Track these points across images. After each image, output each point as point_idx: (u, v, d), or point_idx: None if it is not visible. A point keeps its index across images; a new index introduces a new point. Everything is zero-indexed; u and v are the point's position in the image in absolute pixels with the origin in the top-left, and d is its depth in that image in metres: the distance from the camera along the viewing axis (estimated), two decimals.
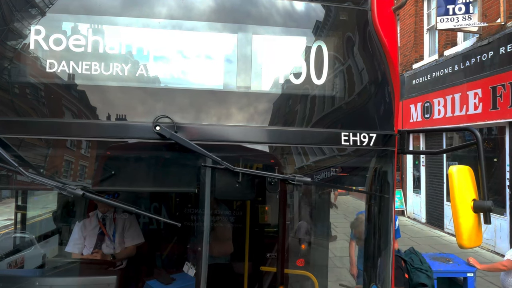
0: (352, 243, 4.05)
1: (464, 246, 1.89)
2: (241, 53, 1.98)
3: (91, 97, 1.91)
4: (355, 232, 4.16)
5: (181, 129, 1.84)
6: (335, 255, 4.22)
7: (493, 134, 9.10)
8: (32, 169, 1.82)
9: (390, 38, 2.12)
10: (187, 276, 3.08)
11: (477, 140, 1.93)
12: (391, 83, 2.13)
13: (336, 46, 2.08)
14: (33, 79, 1.88)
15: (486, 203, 1.87)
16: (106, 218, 3.38)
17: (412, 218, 12.66)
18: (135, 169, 2.04)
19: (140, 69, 1.90)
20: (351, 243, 4.06)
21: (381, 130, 2.10)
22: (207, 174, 1.86)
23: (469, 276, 4.97)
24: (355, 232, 4.16)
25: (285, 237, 3.06)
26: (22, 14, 1.89)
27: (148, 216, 3.76)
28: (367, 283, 2.46)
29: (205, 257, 1.88)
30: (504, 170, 8.45)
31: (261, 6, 2.06)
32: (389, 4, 2.20)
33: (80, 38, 1.87)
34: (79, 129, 1.87)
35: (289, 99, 2.06)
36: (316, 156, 2.10)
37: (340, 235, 4.07)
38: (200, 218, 1.93)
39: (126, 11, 1.95)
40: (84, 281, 2.70)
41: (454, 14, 8.82)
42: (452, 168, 1.96)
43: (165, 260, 3.84)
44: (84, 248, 3.31)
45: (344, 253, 5.32)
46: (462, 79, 9.71)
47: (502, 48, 8.35)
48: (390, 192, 2.25)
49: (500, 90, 8.31)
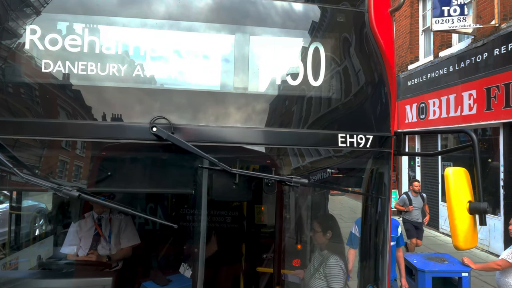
0: (351, 251, 4.02)
1: (460, 248, 1.91)
2: (238, 54, 1.97)
3: (87, 98, 1.90)
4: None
5: (178, 130, 1.84)
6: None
7: (487, 135, 9.17)
8: (27, 170, 1.80)
9: (386, 39, 2.13)
10: (183, 277, 3.07)
11: (473, 142, 1.94)
12: (387, 85, 2.14)
13: (333, 47, 2.09)
14: (28, 79, 1.86)
15: (482, 205, 1.88)
16: (101, 219, 3.36)
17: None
18: (131, 170, 2.03)
19: (137, 69, 1.89)
20: (350, 251, 4.03)
21: (378, 132, 2.10)
22: (203, 175, 1.85)
23: (463, 276, 5.01)
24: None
25: (282, 237, 3.06)
26: (18, 13, 1.88)
27: (144, 217, 3.74)
28: (363, 284, 2.47)
29: (202, 258, 1.87)
30: (498, 170, 8.52)
31: (259, 7, 2.06)
32: (385, 6, 2.21)
33: (75, 38, 1.86)
34: (75, 130, 1.85)
35: (286, 100, 2.06)
36: (313, 157, 2.10)
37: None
38: (196, 219, 1.92)
39: (123, 11, 1.94)
40: (80, 282, 2.68)
41: (449, 15, 8.88)
42: (448, 170, 1.98)
43: (161, 261, 3.83)
44: (79, 249, 3.28)
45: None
46: (457, 80, 9.77)
47: (496, 50, 8.41)
48: (386, 193, 2.26)
49: (494, 91, 8.38)
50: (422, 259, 5.47)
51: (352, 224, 3.90)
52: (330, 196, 3.57)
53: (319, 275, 2.98)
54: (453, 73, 9.97)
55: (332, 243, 3.05)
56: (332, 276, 2.93)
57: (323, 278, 2.95)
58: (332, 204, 3.61)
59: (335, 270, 2.94)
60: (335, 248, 3.07)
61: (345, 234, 4.50)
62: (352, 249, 4.01)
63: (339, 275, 2.93)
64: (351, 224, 3.92)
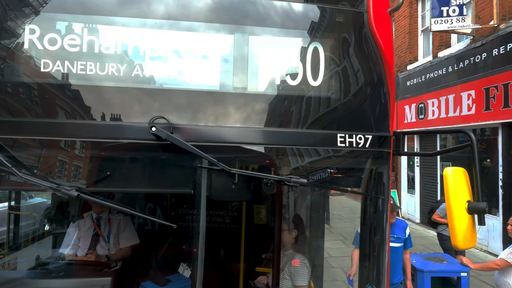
0: (355, 252, 4.01)
1: (459, 247, 1.91)
2: (237, 54, 1.97)
3: (86, 97, 1.89)
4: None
5: (177, 130, 1.83)
6: (330, 255, 4.22)
7: (486, 135, 9.19)
8: (26, 170, 1.80)
9: (385, 40, 2.13)
10: (182, 277, 3.07)
11: (471, 142, 1.95)
12: (386, 85, 2.14)
13: (332, 47, 2.09)
14: (27, 78, 1.86)
15: (481, 205, 1.89)
16: (100, 219, 3.36)
17: (406, 218, 12.73)
18: (130, 170, 2.03)
19: (136, 69, 1.89)
20: (354, 252, 4.02)
21: (377, 132, 2.10)
22: (203, 175, 1.85)
23: (462, 276, 5.02)
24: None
25: (281, 237, 3.06)
26: (17, 13, 1.87)
27: (143, 217, 3.74)
28: (363, 284, 2.47)
29: (201, 258, 1.87)
30: (497, 170, 8.53)
31: (258, 7, 2.06)
32: (385, 6, 2.21)
33: (75, 37, 1.85)
34: (74, 130, 1.85)
35: (285, 100, 2.06)
36: (312, 157, 2.10)
37: (336, 235, 4.07)
38: (195, 219, 1.92)
39: (122, 11, 1.94)
40: (78, 282, 2.67)
41: (448, 16, 8.89)
42: (447, 170, 1.98)
43: (160, 261, 3.82)
44: (78, 249, 3.28)
45: (339, 253, 5.34)
46: (455, 80, 9.79)
47: (495, 50, 8.43)
48: (385, 193, 2.26)
49: (493, 92, 8.39)
50: (421, 259, 5.48)
51: (352, 224, 3.91)
52: (330, 196, 3.58)
53: (283, 275, 2.97)
54: (452, 73, 9.99)
55: (297, 242, 3.05)
56: (297, 275, 2.92)
57: (288, 278, 2.95)
58: (332, 204, 3.62)
59: (300, 268, 2.94)
60: (299, 247, 3.08)
61: (343, 234, 4.50)
62: (357, 249, 4.01)
63: (303, 273, 2.94)
64: (350, 224, 3.93)
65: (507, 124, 8.18)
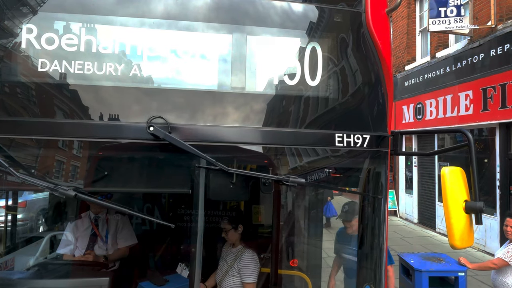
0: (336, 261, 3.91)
1: (456, 247, 1.92)
2: (235, 54, 1.97)
3: (84, 97, 1.89)
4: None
5: (175, 130, 1.83)
6: (328, 255, 4.23)
7: (483, 135, 9.22)
8: (23, 170, 1.79)
9: (383, 40, 2.14)
10: (180, 277, 3.07)
11: (469, 141, 1.96)
12: (384, 85, 2.15)
13: (330, 47, 2.09)
14: (24, 78, 1.86)
15: (478, 204, 1.90)
16: (98, 219, 3.35)
17: (404, 218, 12.77)
18: (128, 170, 2.03)
19: (134, 68, 1.89)
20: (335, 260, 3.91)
21: (375, 131, 2.11)
22: (201, 175, 1.85)
23: (460, 276, 5.03)
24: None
25: (279, 237, 3.06)
26: (14, 12, 1.87)
27: (141, 217, 3.74)
28: (360, 284, 2.48)
29: (199, 258, 1.87)
30: (494, 170, 8.56)
31: (256, 7, 2.06)
32: (382, 6, 2.22)
33: (72, 37, 1.85)
34: (72, 129, 1.85)
35: (283, 100, 2.06)
36: (310, 157, 2.10)
37: (334, 236, 4.07)
38: (193, 219, 1.92)
39: (120, 10, 1.94)
40: (76, 283, 2.67)
41: (446, 16, 8.92)
42: (444, 170, 1.99)
43: (158, 261, 3.83)
44: (76, 250, 3.27)
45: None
46: (453, 80, 9.82)
47: (492, 50, 8.46)
48: (383, 193, 2.26)
49: (490, 92, 8.42)
50: (419, 259, 5.49)
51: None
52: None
53: (233, 272, 2.94)
54: (450, 74, 10.02)
55: (243, 238, 3.02)
56: (246, 270, 2.89)
57: (237, 275, 2.92)
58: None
59: (250, 264, 2.91)
60: (248, 242, 3.05)
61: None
62: (338, 256, 3.99)
63: (252, 268, 2.91)
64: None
65: (504, 125, 8.21)
